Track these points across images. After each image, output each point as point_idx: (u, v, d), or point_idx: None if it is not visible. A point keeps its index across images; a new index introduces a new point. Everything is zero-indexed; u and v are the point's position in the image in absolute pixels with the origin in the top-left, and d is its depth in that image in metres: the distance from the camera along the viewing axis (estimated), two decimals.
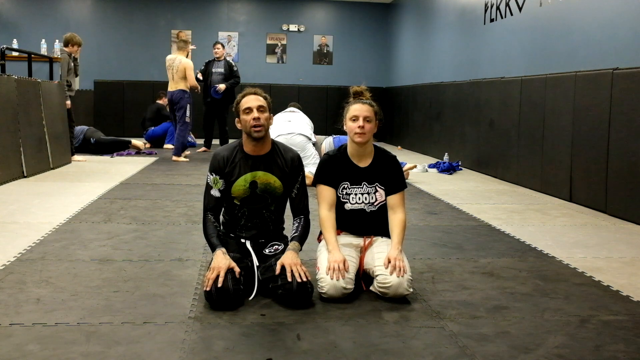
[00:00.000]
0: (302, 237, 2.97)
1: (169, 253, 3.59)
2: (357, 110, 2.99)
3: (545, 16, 6.44)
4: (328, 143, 7.04)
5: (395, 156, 3.17)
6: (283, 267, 2.76)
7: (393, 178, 3.06)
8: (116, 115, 12.33)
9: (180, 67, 8.57)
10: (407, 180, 7.05)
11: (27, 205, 4.93)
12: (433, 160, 8.85)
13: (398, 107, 11.97)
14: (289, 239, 2.98)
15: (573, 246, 4.01)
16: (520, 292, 3.01)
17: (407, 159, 8.59)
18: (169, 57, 8.86)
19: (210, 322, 2.51)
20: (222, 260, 2.75)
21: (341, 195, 3.05)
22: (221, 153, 3.00)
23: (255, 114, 2.88)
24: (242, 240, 3.01)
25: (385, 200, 3.06)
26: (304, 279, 2.71)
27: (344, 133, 3.09)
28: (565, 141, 5.75)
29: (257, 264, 2.91)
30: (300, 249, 2.93)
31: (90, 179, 6.47)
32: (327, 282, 2.78)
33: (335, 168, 3.06)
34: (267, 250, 2.99)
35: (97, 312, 2.60)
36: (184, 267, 3.30)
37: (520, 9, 7.01)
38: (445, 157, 8.44)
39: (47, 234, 3.98)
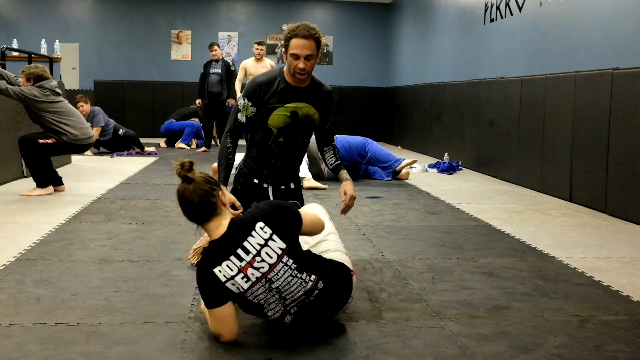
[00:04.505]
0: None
1: (169, 253, 3.59)
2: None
3: (545, 16, 6.44)
4: None
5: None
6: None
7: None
8: (116, 116, 12.23)
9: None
10: (407, 181, 7.18)
11: (27, 205, 4.93)
12: (433, 160, 8.85)
13: (398, 107, 11.97)
14: (333, 166, 3.14)
15: (573, 246, 4.01)
16: (520, 292, 3.01)
17: (407, 157, 8.58)
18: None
19: None
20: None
21: None
22: (261, 79, 2.98)
23: (301, 64, 2.86)
24: (265, 185, 3.09)
25: None
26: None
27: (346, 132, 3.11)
28: (565, 141, 5.75)
29: None
30: None
31: (90, 179, 6.46)
32: None
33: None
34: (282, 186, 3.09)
35: (97, 312, 2.60)
36: (184, 267, 3.30)
37: (520, 9, 7.01)
38: (445, 157, 8.43)
39: (47, 234, 3.98)
